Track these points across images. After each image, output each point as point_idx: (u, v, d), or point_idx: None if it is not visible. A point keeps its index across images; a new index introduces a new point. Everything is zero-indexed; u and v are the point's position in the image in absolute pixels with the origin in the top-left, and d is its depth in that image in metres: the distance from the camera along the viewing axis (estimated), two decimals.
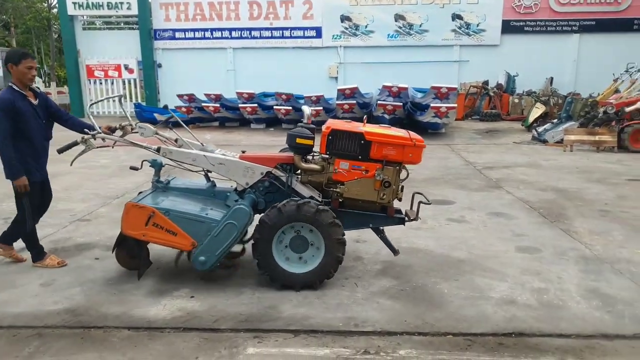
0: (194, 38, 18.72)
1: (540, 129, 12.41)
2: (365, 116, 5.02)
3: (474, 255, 4.37)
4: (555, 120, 12.90)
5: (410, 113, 13.28)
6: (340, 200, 3.79)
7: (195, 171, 3.99)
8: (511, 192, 6.81)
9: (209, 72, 18.45)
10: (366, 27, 18.27)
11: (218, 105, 14.45)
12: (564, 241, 4.77)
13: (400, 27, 18.24)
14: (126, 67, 18.82)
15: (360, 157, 3.67)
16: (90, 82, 19.10)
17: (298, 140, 3.71)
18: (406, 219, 3.84)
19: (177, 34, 18.71)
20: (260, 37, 18.58)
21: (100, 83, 19.16)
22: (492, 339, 3.02)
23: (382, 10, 18.11)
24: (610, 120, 10.94)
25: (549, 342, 2.97)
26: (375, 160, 3.66)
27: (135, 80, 19.04)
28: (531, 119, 14.10)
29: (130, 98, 18.92)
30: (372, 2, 18.11)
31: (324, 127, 3.77)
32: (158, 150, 3.78)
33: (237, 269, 4.08)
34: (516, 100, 16.90)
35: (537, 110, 14.14)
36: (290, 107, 13.73)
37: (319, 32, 18.41)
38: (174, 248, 3.69)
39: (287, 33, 18.47)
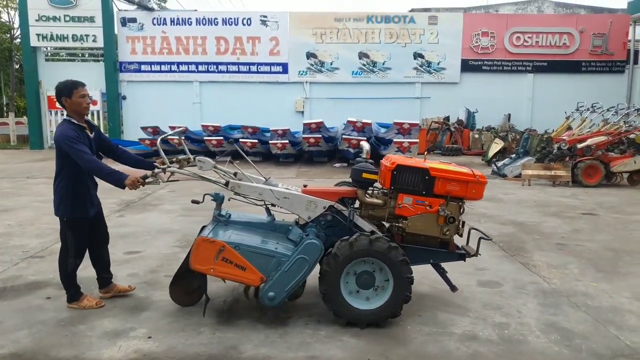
0: (160, 71, 18.72)
1: (499, 164, 12.82)
2: (425, 152, 5.07)
3: (437, 290, 4.40)
4: (513, 155, 13.37)
5: (375, 147, 13.52)
6: (402, 235, 3.75)
7: (254, 204, 3.92)
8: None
9: (175, 104, 18.41)
10: (331, 64, 18.72)
11: (183, 137, 14.30)
12: (524, 275, 4.87)
13: (364, 65, 18.78)
14: (90, 99, 18.54)
15: (424, 192, 3.68)
16: (51, 113, 18.69)
17: (364, 174, 3.71)
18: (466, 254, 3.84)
19: (143, 67, 18.66)
20: (227, 72, 18.75)
21: (62, 114, 18.74)
22: None
23: (346, 48, 18.64)
24: (564, 155, 11.43)
25: None
26: (438, 196, 3.67)
27: (98, 112, 18.73)
28: (491, 153, 14.58)
29: None
30: (337, 40, 18.63)
31: (387, 162, 3.81)
32: (226, 184, 3.73)
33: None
34: (476, 136, 17.49)
35: (496, 146, 14.64)
36: (256, 140, 13.76)
37: (285, 68, 18.73)
38: (242, 283, 3.63)
39: (253, 68, 18.72)
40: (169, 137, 4.10)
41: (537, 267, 5.12)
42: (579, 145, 11.14)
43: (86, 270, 4.10)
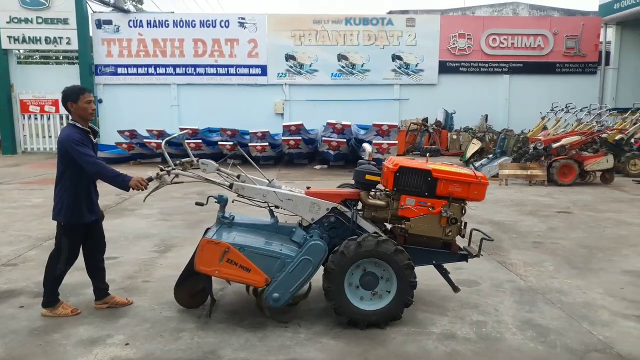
0: (137, 74, 18.49)
1: (477, 164, 13.00)
2: (428, 153, 5.09)
3: (415, 290, 4.43)
4: (490, 156, 13.58)
5: (355, 149, 13.58)
6: (405, 236, 3.78)
7: (258, 206, 3.94)
8: None
9: (152, 107, 18.21)
10: (310, 66, 18.74)
11: (160, 141, 14.15)
12: (501, 273, 4.94)
13: (343, 67, 18.85)
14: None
15: (426, 193, 3.71)
16: (24, 117, 18.29)
17: (367, 176, 3.75)
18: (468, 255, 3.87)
19: (120, 70, 18.41)
20: (205, 74, 18.62)
21: (36, 118, 18.39)
22: None
23: (325, 50, 18.68)
24: (540, 155, 11.64)
25: None
26: (441, 197, 3.71)
27: None
28: (468, 154, 14.78)
29: None
30: (316, 42, 18.67)
31: (390, 164, 3.83)
32: (230, 186, 3.75)
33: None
34: (454, 137, 17.71)
35: (474, 146, 14.85)
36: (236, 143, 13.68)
37: (264, 70, 18.68)
38: (247, 284, 3.64)
39: (232, 70, 18.63)
40: (172, 138, 4.11)
41: (513, 265, 5.20)
42: (554, 145, 11.37)
43: (67, 277, 4.02)
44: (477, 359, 3.21)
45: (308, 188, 3.99)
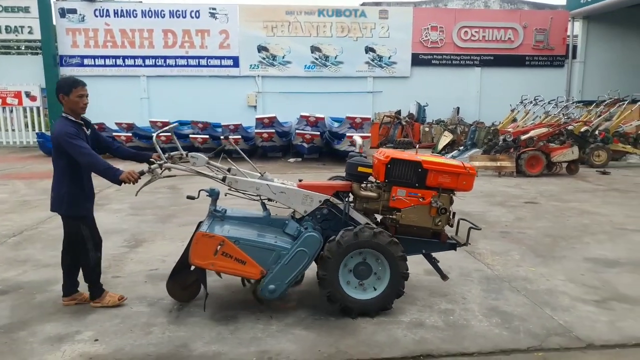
0: (105, 65, 18.05)
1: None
2: (417, 145, 5.15)
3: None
4: (461, 148, 13.81)
5: (329, 142, 13.61)
6: (395, 226, 3.86)
7: (250, 199, 3.97)
8: None
9: (121, 100, 17.81)
10: (283, 57, 18.63)
11: (130, 134, 13.92)
12: (469, 262, 5.06)
13: (316, 59, 18.81)
14: (27, 95, 17.68)
15: (417, 184, 3.80)
16: None
17: (360, 168, 3.81)
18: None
19: (86, 61, 17.94)
20: (176, 66, 18.31)
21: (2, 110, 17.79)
22: None
23: (298, 41, 18.59)
24: (509, 147, 11.90)
25: None
26: (431, 188, 3.79)
27: (38, 108, 17.87)
28: (440, 146, 15.00)
29: (33, 127, 17.72)
30: (289, 34, 18.56)
31: (381, 156, 3.89)
32: (224, 179, 3.74)
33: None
34: (427, 129, 17.91)
35: (446, 138, 15.08)
36: (207, 136, 13.54)
37: (236, 62, 18.49)
38: (242, 277, 3.69)
39: (203, 62, 18.37)
40: (169, 128, 4.09)
41: (481, 255, 5.33)
42: (523, 137, 11.63)
43: (35, 273, 3.94)
44: (444, 345, 3.30)
45: (300, 181, 4.03)
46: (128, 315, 3.77)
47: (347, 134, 12.76)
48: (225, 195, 3.90)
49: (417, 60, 19.35)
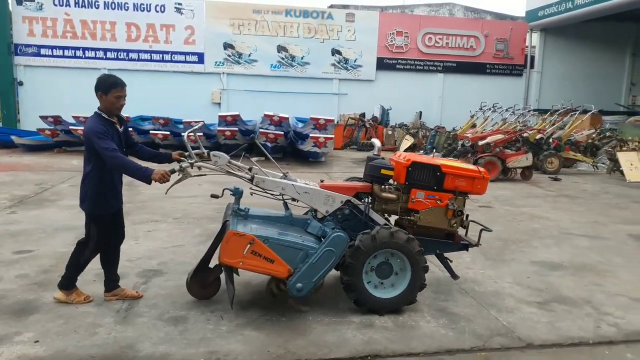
0: (63, 56, 17.40)
1: None
2: (434, 149, 5.31)
3: (339, 280, 4.54)
4: (422, 152, 14.07)
5: (293, 142, 13.60)
6: (413, 227, 4.01)
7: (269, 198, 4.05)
8: None
9: (80, 93, 17.07)
10: (249, 55, 18.48)
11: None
12: None
13: (282, 59, 18.75)
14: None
15: (435, 187, 3.98)
16: None
17: (383, 171, 3.97)
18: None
19: (43, 51, 17.25)
20: (139, 60, 17.85)
21: None
22: None
23: (264, 40, 18.48)
24: (467, 152, 12.20)
25: None
26: (447, 191, 3.98)
27: None
28: (401, 149, 15.23)
29: None
30: (255, 32, 18.43)
31: (401, 159, 4.08)
32: (251, 179, 3.81)
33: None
34: (389, 132, 18.13)
35: (407, 142, 15.33)
36: (168, 132, 13.31)
37: (201, 58, 18.21)
38: (270, 275, 3.70)
39: (167, 57, 17.98)
40: (193, 130, 4.07)
41: (433, 257, 5.44)
42: (480, 143, 11.95)
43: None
44: (392, 346, 3.36)
45: (322, 181, 4.16)
46: (73, 316, 3.67)
47: (311, 135, 12.80)
48: (252, 194, 3.96)
49: (382, 65, 19.57)
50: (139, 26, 17.72)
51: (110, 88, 3.71)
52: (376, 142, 4.76)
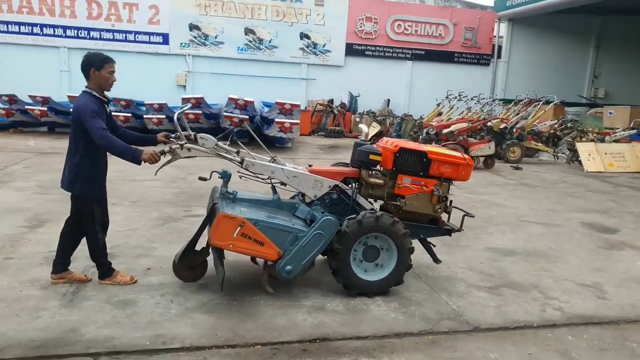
0: (19, 33, 16.63)
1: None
2: (420, 136, 5.34)
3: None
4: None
5: (259, 126, 13.45)
6: (398, 212, 4.05)
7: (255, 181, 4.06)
8: None
9: (38, 71, 16.54)
10: (216, 37, 18.10)
11: (45, 108, 13.02)
12: None
13: (250, 41, 18.45)
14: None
15: (421, 173, 4.04)
16: None
17: (371, 156, 4.01)
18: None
19: None
20: (101, 39, 17.24)
21: None
22: (297, 345, 3.16)
23: (232, 22, 18.12)
24: (432, 140, 12.33)
25: (348, 345, 3.20)
26: (433, 177, 4.05)
27: None
28: (368, 137, 15.28)
29: None
30: (222, 13, 18.04)
31: (389, 145, 4.10)
32: (242, 162, 3.79)
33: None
34: (357, 119, 18.16)
35: (374, 129, 15.36)
36: (130, 114, 12.96)
37: (165, 39, 17.73)
38: (260, 258, 3.75)
39: (130, 37, 17.44)
40: (182, 112, 3.96)
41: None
42: (444, 131, 12.11)
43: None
44: (341, 329, 3.38)
45: (310, 166, 4.19)
46: (16, 299, 3.55)
47: (277, 120, 12.69)
48: (240, 177, 3.95)
49: (351, 50, 19.50)
50: (100, 4, 17.10)
51: (103, 63, 3.64)
52: (364, 127, 4.85)
